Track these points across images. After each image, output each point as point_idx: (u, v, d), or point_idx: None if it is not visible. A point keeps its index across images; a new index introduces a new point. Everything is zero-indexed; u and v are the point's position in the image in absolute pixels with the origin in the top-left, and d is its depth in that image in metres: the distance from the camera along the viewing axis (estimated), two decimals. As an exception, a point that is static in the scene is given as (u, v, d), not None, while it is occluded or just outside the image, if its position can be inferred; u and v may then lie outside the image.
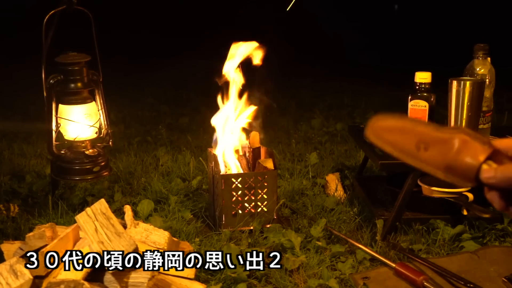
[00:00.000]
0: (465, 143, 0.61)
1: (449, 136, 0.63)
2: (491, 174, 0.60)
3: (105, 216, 1.34)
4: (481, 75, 1.91)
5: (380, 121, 0.69)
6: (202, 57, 5.00)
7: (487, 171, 0.60)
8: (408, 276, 1.53)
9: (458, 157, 0.61)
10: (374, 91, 4.39)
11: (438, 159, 0.63)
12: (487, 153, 0.60)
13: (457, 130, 0.63)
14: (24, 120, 3.43)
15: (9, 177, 2.39)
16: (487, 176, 0.60)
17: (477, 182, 0.61)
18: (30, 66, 2.37)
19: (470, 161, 0.60)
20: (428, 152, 0.64)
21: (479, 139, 0.61)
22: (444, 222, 1.82)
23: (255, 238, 1.81)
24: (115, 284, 1.26)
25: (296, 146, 2.99)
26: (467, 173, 0.61)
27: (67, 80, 1.94)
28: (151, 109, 3.98)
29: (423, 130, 0.65)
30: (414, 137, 0.65)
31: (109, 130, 2.07)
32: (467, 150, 0.61)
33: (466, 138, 0.61)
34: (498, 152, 0.61)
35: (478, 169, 0.60)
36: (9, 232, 1.85)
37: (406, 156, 0.66)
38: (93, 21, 1.96)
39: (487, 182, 0.60)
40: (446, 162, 0.62)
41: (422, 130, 0.65)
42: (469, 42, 1.98)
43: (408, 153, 0.66)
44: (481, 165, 0.60)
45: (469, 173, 0.61)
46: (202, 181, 2.36)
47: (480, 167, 0.60)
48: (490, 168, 0.60)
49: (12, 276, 1.22)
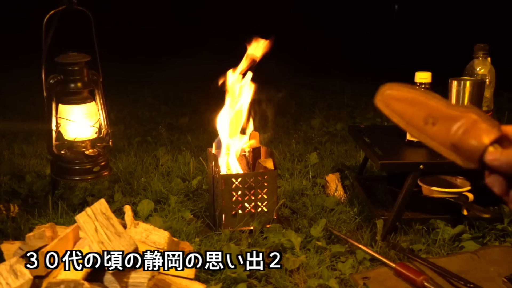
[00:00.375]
0: (474, 123, 0.60)
1: (459, 114, 0.62)
2: (495, 156, 0.59)
3: (105, 216, 1.34)
4: (481, 75, 1.91)
5: (391, 89, 0.68)
6: (203, 57, 5.02)
7: (492, 153, 0.59)
8: (408, 276, 1.53)
9: (464, 136, 0.61)
10: (374, 91, 4.36)
11: (445, 136, 0.62)
12: (494, 136, 0.60)
13: (468, 109, 0.62)
14: (24, 120, 3.43)
15: (9, 177, 2.39)
16: (492, 158, 0.59)
17: (480, 163, 0.60)
18: (30, 66, 2.37)
19: (477, 142, 0.60)
20: (436, 127, 0.63)
21: (489, 121, 0.60)
22: (444, 222, 1.82)
23: (255, 238, 1.81)
24: (115, 284, 1.26)
25: (296, 146, 2.99)
26: (471, 154, 0.60)
27: (67, 80, 1.94)
28: (151, 109, 3.98)
29: (434, 104, 0.64)
30: (424, 110, 0.64)
31: (109, 130, 2.07)
32: (474, 130, 0.60)
33: (476, 118, 0.61)
34: (506, 138, 0.60)
35: (483, 151, 0.60)
36: (9, 232, 1.85)
37: (412, 128, 0.65)
38: (93, 21, 1.96)
39: (491, 164, 0.60)
40: (452, 140, 0.61)
41: (433, 104, 0.64)
42: (469, 42, 1.99)
43: (415, 125, 0.65)
44: (487, 147, 0.59)
45: (473, 153, 0.60)
46: (202, 181, 2.36)
47: (486, 149, 0.59)
48: (496, 151, 0.59)
49: (12, 276, 1.22)
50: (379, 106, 0.68)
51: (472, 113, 0.61)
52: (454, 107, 0.63)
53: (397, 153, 1.90)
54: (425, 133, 0.64)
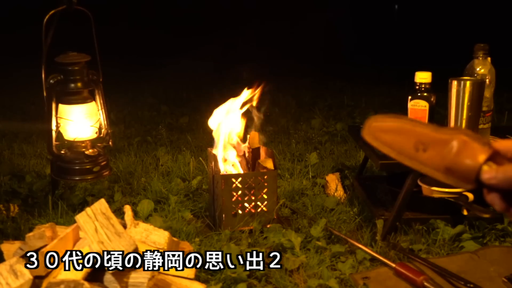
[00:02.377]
0: (465, 144, 0.60)
1: (448, 137, 0.61)
2: (492, 175, 0.59)
3: (105, 216, 1.34)
4: (481, 75, 1.91)
5: (377, 121, 0.68)
6: (203, 57, 5.02)
7: (488, 172, 0.59)
8: (408, 276, 1.53)
9: (457, 159, 0.60)
10: (374, 91, 4.40)
11: (437, 160, 0.62)
12: (487, 154, 0.59)
13: (456, 131, 0.62)
14: (24, 120, 3.44)
15: (9, 177, 2.39)
16: (488, 177, 0.59)
17: (477, 183, 0.60)
18: (30, 66, 2.37)
19: (470, 163, 0.60)
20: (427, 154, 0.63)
21: (479, 140, 0.60)
22: (444, 222, 1.82)
23: (255, 238, 1.81)
24: (115, 284, 1.26)
25: (296, 146, 2.99)
26: (467, 175, 0.60)
27: (67, 80, 1.94)
28: (151, 109, 3.98)
29: (421, 130, 0.64)
30: (412, 138, 0.64)
31: (109, 130, 2.07)
32: (466, 151, 0.60)
33: (466, 139, 0.60)
34: (498, 154, 0.60)
35: (478, 170, 0.59)
36: (9, 232, 1.85)
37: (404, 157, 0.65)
38: (93, 21, 1.96)
39: (488, 183, 0.59)
40: (446, 164, 0.61)
41: (420, 131, 0.64)
42: (469, 42, 1.98)
43: (406, 154, 0.65)
44: (481, 166, 0.59)
45: (469, 174, 0.60)
46: (202, 181, 2.36)
47: (481, 168, 0.59)
48: (491, 169, 0.59)
49: (12, 276, 1.22)
50: (368, 139, 0.68)
51: (461, 134, 0.61)
52: (442, 130, 0.63)
53: (397, 153, 1.89)
54: (417, 160, 0.64)
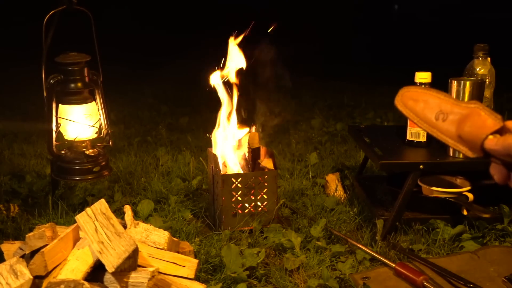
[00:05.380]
0: (479, 116, 0.68)
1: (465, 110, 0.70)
2: (493, 142, 0.66)
3: (105, 216, 1.34)
4: (481, 75, 1.91)
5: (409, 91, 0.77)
6: (203, 57, 5.02)
7: (491, 140, 0.66)
8: (408, 276, 1.53)
9: (469, 128, 0.69)
10: (374, 91, 4.40)
11: (452, 129, 0.71)
12: (496, 127, 0.67)
13: (474, 105, 0.70)
14: (24, 120, 3.43)
15: (9, 177, 2.39)
16: (490, 144, 0.66)
17: (483, 152, 0.68)
18: (30, 65, 2.37)
19: (478, 131, 0.67)
20: (446, 123, 0.72)
21: (492, 114, 0.68)
22: (444, 222, 1.82)
23: (255, 238, 1.81)
24: (115, 284, 1.26)
25: (296, 146, 2.99)
26: (474, 142, 0.68)
27: (67, 80, 1.94)
28: (151, 109, 3.98)
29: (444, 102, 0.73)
30: (435, 108, 0.74)
31: (109, 130, 2.07)
32: (478, 122, 0.68)
33: (480, 112, 0.68)
34: (507, 129, 0.67)
35: (484, 139, 0.67)
36: (9, 232, 1.85)
37: (425, 124, 0.75)
38: (93, 21, 1.96)
39: (490, 151, 0.67)
40: (459, 132, 0.70)
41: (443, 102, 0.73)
42: (469, 42, 1.98)
43: (428, 122, 0.74)
44: (487, 136, 0.67)
45: (476, 142, 0.67)
46: (202, 181, 2.36)
47: (486, 137, 0.67)
48: (494, 138, 0.66)
49: (12, 276, 1.22)
50: (398, 105, 0.78)
51: (477, 107, 0.69)
52: (462, 103, 0.72)
53: (397, 153, 1.90)
54: (436, 127, 0.73)
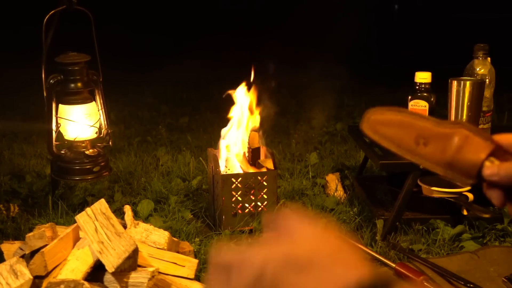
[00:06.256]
0: (467, 138, 0.59)
1: (449, 131, 0.60)
2: (494, 171, 0.58)
3: (105, 216, 1.34)
4: (481, 75, 1.91)
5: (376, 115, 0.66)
6: (203, 57, 5.02)
7: (490, 168, 0.58)
8: (408, 276, 1.53)
9: (459, 154, 0.59)
10: (374, 91, 4.39)
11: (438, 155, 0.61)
12: (489, 150, 0.58)
13: (458, 125, 0.61)
14: (24, 120, 3.43)
15: (9, 177, 2.39)
16: (490, 173, 0.58)
17: (478, 179, 0.59)
18: (30, 65, 2.37)
19: (472, 158, 0.59)
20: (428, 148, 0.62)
21: (481, 135, 0.59)
22: (444, 222, 1.82)
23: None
24: (115, 284, 1.26)
25: (296, 146, 2.98)
26: (468, 170, 0.59)
27: (67, 80, 1.94)
28: (151, 109, 3.97)
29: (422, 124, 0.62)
30: (413, 132, 0.62)
31: (109, 130, 2.07)
32: (468, 146, 0.59)
33: (467, 134, 0.59)
34: (500, 148, 0.59)
35: (480, 166, 0.58)
36: (9, 232, 1.85)
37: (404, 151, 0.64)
38: (93, 21, 1.96)
39: (490, 179, 0.59)
40: (447, 159, 0.60)
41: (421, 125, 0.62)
42: (469, 42, 1.98)
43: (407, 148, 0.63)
44: (483, 162, 0.58)
45: (470, 170, 0.59)
46: (202, 181, 2.35)
47: (483, 164, 0.58)
48: (493, 165, 0.58)
49: (12, 276, 1.22)
50: (367, 132, 0.66)
51: (463, 128, 0.60)
52: (444, 124, 0.61)
53: (397, 153, 1.89)
54: (418, 154, 0.63)
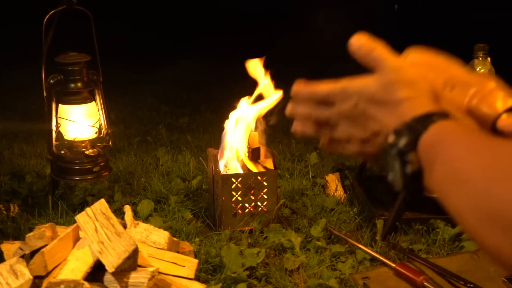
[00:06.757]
0: (491, 91, 0.62)
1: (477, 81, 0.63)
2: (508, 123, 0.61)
3: (105, 216, 1.34)
4: (481, 75, 1.91)
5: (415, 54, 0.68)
6: (203, 57, 5.02)
7: (505, 120, 0.62)
8: (408, 276, 1.53)
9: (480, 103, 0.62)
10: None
11: (461, 101, 0.63)
12: (509, 105, 0.62)
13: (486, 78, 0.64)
14: (24, 120, 3.43)
15: (9, 177, 2.39)
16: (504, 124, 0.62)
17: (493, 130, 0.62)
18: (30, 65, 2.37)
19: (491, 108, 0.62)
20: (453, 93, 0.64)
21: (505, 90, 0.62)
22: (444, 222, 1.82)
23: (255, 238, 1.81)
24: (115, 284, 1.26)
25: (296, 146, 2.98)
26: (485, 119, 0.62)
27: (67, 80, 1.94)
28: (151, 109, 3.97)
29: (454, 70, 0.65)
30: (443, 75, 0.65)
31: (109, 130, 2.07)
32: (491, 97, 0.62)
33: (493, 87, 0.63)
34: None
35: (497, 117, 0.62)
36: (9, 232, 1.85)
37: None
38: (93, 21, 1.96)
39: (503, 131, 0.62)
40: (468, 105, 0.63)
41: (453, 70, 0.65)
42: (469, 42, 1.98)
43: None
44: (500, 114, 0.62)
45: (487, 119, 0.62)
46: (202, 181, 2.35)
47: (499, 116, 0.62)
48: (509, 118, 0.62)
49: (12, 276, 1.22)
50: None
51: (490, 80, 0.63)
52: (474, 74, 0.64)
53: (397, 153, 1.89)
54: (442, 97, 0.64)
